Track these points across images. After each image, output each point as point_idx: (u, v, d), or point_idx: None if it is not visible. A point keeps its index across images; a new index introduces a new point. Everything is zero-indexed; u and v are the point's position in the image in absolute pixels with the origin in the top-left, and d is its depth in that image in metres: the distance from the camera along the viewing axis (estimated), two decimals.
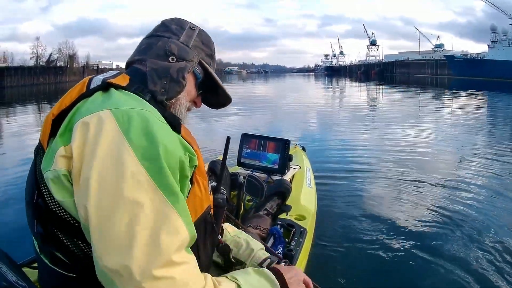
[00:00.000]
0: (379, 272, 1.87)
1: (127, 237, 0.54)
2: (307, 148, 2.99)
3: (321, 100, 14.20)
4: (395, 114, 9.07)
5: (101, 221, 0.55)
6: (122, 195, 0.55)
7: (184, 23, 0.82)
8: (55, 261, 0.66)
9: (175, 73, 0.74)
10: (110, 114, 0.60)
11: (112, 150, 0.57)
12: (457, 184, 3.22)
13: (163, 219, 0.57)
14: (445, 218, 2.49)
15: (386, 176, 3.54)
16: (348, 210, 2.66)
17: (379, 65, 62.79)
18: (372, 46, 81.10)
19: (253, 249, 0.98)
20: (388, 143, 5.12)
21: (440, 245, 2.11)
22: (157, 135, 0.59)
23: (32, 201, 0.66)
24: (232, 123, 7.40)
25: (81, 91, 0.68)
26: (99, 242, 0.55)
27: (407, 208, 2.69)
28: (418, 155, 4.37)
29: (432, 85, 23.26)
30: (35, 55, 46.69)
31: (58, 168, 0.59)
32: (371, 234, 2.28)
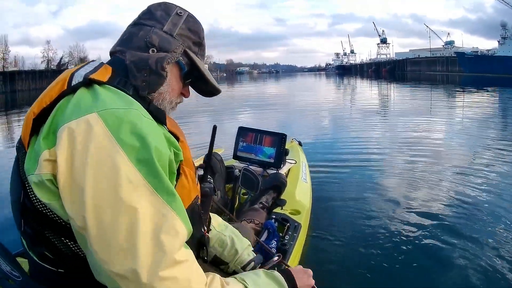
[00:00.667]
0: (373, 268, 1.89)
1: (130, 242, 0.54)
2: (307, 143, 2.99)
3: (329, 98, 13.97)
4: (401, 111, 8.95)
5: (102, 229, 0.55)
6: (120, 201, 0.55)
7: (170, 9, 0.77)
8: (43, 258, 0.66)
9: (154, 64, 0.70)
10: (98, 117, 0.57)
11: (104, 156, 0.56)
12: (458, 181, 3.19)
13: (163, 221, 0.57)
14: (445, 214, 2.49)
15: (382, 171, 3.56)
16: (343, 205, 2.68)
17: (390, 63, 62.25)
18: (383, 44, 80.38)
19: (237, 250, 0.98)
20: (389, 140, 5.13)
21: (439, 242, 2.11)
22: (148, 136, 0.58)
23: (18, 201, 0.65)
24: (239, 122, 7.30)
25: (62, 89, 0.65)
26: (103, 249, 0.55)
27: (404, 204, 2.70)
28: (418, 151, 4.35)
29: (443, 82, 22.99)
30: (46, 58, 47.20)
31: (43, 172, 0.58)
32: (366, 229, 2.31)
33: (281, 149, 2.13)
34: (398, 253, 2.02)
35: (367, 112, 8.80)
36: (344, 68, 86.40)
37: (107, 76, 0.67)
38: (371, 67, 67.49)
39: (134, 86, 0.69)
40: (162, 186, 0.58)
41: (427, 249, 2.05)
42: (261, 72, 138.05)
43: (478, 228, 2.26)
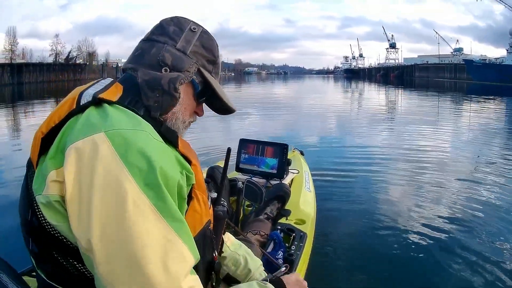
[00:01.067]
0: (379, 276, 1.87)
1: (136, 268, 0.53)
2: (311, 151, 2.99)
3: (335, 103, 13.92)
4: (408, 118, 8.89)
5: (108, 253, 0.54)
6: (127, 225, 0.54)
7: (184, 24, 0.73)
8: (51, 276, 0.65)
9: (167, 84, 0.68)
10: (105, 138, 0.56)
11: (111, 178, 0.54)
12: (465, 192, 3.16)
13: (169, 247, 0.56)
14: (451, 224, 2.46)
15: (386, 180, 3.55)
16: (347, 214, 2.66)
17: (398, 68, 61.84)
18: (392, 49, 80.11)
19: (250, 269, 0.98)
20: (394, 147, 5.10)
21: (444, 252, 2.09)
22: (156, 159, 0.57)
23: (26, 219, 0.64)
24: (241, 126, 7.35)
25: (71, 107, 0.64)
26: (108, 274, 0.54)
27: (408, 213, 2.69)
28: (423, 159, 4.34)
29: (451, 89, 22.73)
30: (54, 52, 47.73)
31: (50, 194, 0.57)
32: (371, 238, 2.29)
33: (283, 159, 2.13)
34: (404, 262, 2.00)
35: (372, 119, 8.81)
36: (352, 72, 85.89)
37: (118, 95, 0.66)
38: (380, 71, 67.05)
39: (146, 107, 0.67)
40: (169, 212, 0.57)
41: (432, 258, 2.03)
42: (269, 73, 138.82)
43: (479, 242, 2.22)
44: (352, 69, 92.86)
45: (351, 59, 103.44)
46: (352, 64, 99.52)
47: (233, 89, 24.53)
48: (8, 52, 43.18)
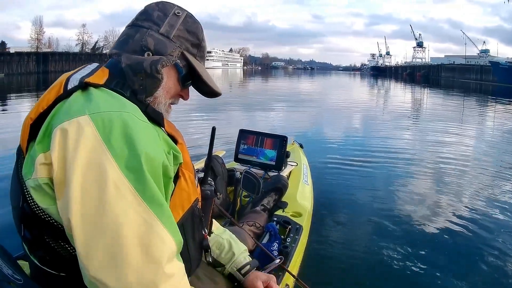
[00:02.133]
0: (373, 271, 1.89)
1: (115, 251, 0.53)
2: (316, 143, 2.94)
3: (356, 100, 13.42)
4: (422, 118, 8.64)
5: (87, 234, 0.54)
6: (106, 207, 0.54)
7: (168, 9, 0.74)
8: (44, 261, 0.65)
9: (149, 67, 0.68)
10: (89, 120, 0.57)
11: (93, 159, 0.55)
12: (472, 196, 3.05)
13: (149, 231, 0.56)
14: (453, 224, 2.42)
15: (386, 176, 3.55)
16: (344, 208, 2.67)
17: (425, 67, 59.54)
18: (419, 48, 78.65)
19: (234, 253, 0.98)
20: (399, 145, 4.98)
21: (440, 249, 2.10)
22: (140, 142, 0.57)
23: (18, 206, 0.64)
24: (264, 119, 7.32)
25: (58, 93, 0.64)
26: (87, 254, 0.54)
27: (405, 208, 2.70)
28: (426, 159, 4.26)
29: (476, 91, 21.85)
30: (80, 41, 48.36)
31: (39, 177, 0.57)
32: (367, 232, 2.30)
33: (282, 152, 2.13)
34: (399, 256, 2.01)
35: (388, 116, 8.60)
36: (379, 70, 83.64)
37: (104, 79, 0.66)
38: (406, 70, 64.82)
39: (132, 90, 0.68)
40: (150, 195, 0.57)
41: (430, 254, 2.04)
42: (296, 68, 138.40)
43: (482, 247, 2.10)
44: (378, 66, 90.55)
45: (377, 57, 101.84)
46: (379, 62, 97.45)
47: (260, 83, 24.54)
48: (34, 41, 43.59)
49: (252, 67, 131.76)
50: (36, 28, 44.45)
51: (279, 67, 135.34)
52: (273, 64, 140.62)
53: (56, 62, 34.32)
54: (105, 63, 0.74)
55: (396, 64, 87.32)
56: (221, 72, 64.36)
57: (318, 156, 3.98)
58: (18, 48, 41.48)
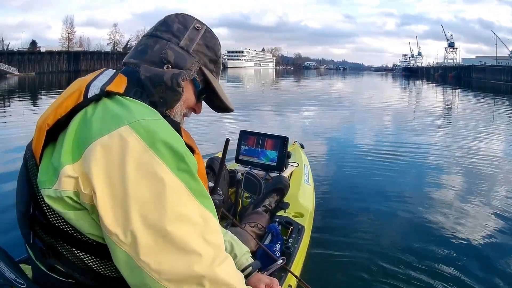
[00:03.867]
0: (376, 271, 1.88)
1: (184, 249, 0.55)
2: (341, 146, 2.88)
3: (384, 101, 13.13)
4: (440, 120, 8.35)
5: (154, 240, 0.54)
6: (168, 212, 0.55)
7: (188, 22, 0.74)
8: (53, 269, 0.64)
9: (169, 80, 0.68)
10: (131, 130, 0.56)
11: (144, 168, 0.55)
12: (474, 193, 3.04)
13: (206, 224, 0.58)
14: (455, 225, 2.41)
15: (388, 174, 3.55)
16: (346, 208, 2.67)
17: (456, 68, 59.09)
18: (450, 48, 78.09)
19: (236, 254, 0.98)
20: (404, 145, 4.92)
21: (443, 251, 2.09)
22: (180, 145, 0.59)
23: (27, 213, 0.63)
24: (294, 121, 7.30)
25: (77, 100, 0.63)
26: (156, 261, 0.55)
27: (409, 209, 2.69)
28: (432, 159, 4.23)
29: (507, 92, 21.13)
30: (112, 41, 49.50)
31: (63, 189, 0.56)
32: (369, 232, 2.30)
33: (283, 152, 2.13)
34: (402, 256, 2.01)
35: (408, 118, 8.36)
36: (410, 70, 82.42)
37: (123, 87, 0.66)
38: (438, 71, 64.50)
39: (151, 101, 0.68)
40: (200, 191, 0.59)
41: (432, 255, 2.03)
42: (328, 68, 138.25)
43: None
44: (410, 67, 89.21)
45: (409, 57, 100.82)
46: (411, 63, 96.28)
47: (292, 83, 24.58)
48: (65, 40, 44.78)
49: (285, 67, 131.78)
50: (67, 28, 45.48)
51: (311, 67, 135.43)
52: (305, 64, 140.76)
53: (87, 61, 35.02)
54: (120, 69, 0.74)
55: (428, 64, 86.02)
56: (253, 71, 64.20)
57: (336, 155, 3.95)
58: (49, 47, 42.55)
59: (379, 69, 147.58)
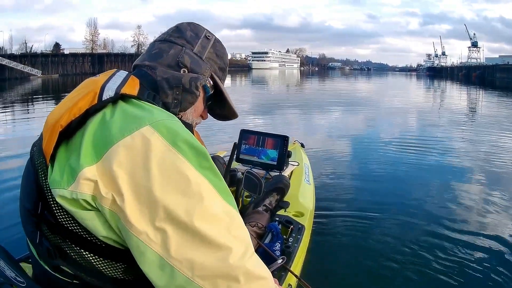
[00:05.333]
0: (376, 270, 1.88)
1: (213, 245, 0.55)
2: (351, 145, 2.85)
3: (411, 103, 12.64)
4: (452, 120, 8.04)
5: (182, 237, 0.55)
6: (197, 209, 0.55)
7: (200, 31, 0.78)
8: (57, 269, 0.64)
9: (188, 83, 0.71)
10: (152, 129, 0.57)
11: (169, 166, 0.56)
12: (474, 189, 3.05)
13: (232, 220, 0.59)
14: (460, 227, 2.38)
15: (388, 173, 3.55)
16: (346, 207, 2.67)
17: (479, 68, 57.51)
18: (474, 47, 77.04)
19: None
20: (410, 144, 4.89)
21: (445, 253, 2.07)
22: (198, 143, 0.60)
23: (35, 212, 0.62)
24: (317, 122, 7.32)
25: (92, 102, 0.62)
26: (185, 258, 0.54)
27: (409, 208, 2.69)
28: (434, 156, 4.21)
29: None
30: (136, 43, 50.31)
31: (81, 191, 0.55)
32: (369, 232, 2.30)
33: (283, 151, 2.13)
34: (402, 255, 2.01)
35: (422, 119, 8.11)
36: (435, 70, 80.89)
37: (136, 89, 0.67)
38: (462, 71, 62.80)
39: (164, 103, 0.70)
40: (223, 189, 0.60)
41: (434, 257, 2.02)
42: (352, 69, 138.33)
43: None
44: (434, 67, 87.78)
45: (433, 57, 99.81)
46: (435, 63, 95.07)
47: (316, 84, 24.73)
48: (89, 42, 45.90)
49: (309, 67, 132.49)
50: (91, 30, 46.39)
51: (336, 67, 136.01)
52: (330, 65, 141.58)
53: (111, 63, 35.58)
54: (132, 71, 0.74)
55: (451, 64, 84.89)
56: (278, 72, 64.33)
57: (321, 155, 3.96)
58: (72, 49, 43.42)
59: (404, 69, 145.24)
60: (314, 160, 3.17)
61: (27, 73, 33.14)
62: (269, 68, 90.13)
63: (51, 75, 35.11)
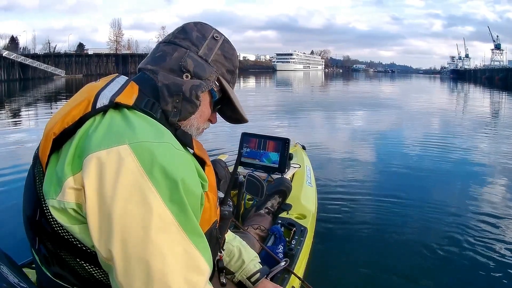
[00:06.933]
0: (378, 272, 1.87)
1: (160, 281, 0.54)
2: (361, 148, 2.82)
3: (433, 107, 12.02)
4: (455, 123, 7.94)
5: (130, 265, 0.54)
6: (150, 239, 0.54)
7: (207, 31, 0.73)
8: (58, 276, 0.64)
9: (188, 91, 0.67)
10: (130, 150, 0.55)
11: (136, 191, 0.54)
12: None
13: (190, 261, 0.57)
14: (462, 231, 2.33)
15: (389, 174, 3.54)
16: (348, 209, 2.66)
17: (503, 70, 55.29)
18: (497, 50, 74.76)
19: (244, 260, 0.98)
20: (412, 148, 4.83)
21: (448, 254, 2.06)
22: (180, 174, 0.57)
23: (34, 219, 0.62)
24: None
25: (85, 110, 0.61)
26: (129, 284, 0.54)
27: (412, 211, 2.67)
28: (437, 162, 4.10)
29: None
30: None
31: (66, 200, 0.56)
32: (371, 233, 2.29)
33: (285, 154, 2.13)
34: (404, 259, 2.00)
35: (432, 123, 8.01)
36: (458, 73, 78.70)
37: (134, 97, 0.64)
38: (484, 73, 60.87)
39: (163, 111, 0.67)
40: (191, 227, 0.58)
41: (436, 261, 2.00)
42: (376, 71, 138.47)
43: None
44: (458, 70, 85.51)
45: (457, 60, 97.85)
46: (458, 65, 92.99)
47: (341, 86, 24.63)
48: (113, 43, 46.23)
49: (334, 69, 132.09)
50: (115, 31, 46.72)
51: (360, 69, 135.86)
52: (354, 67, 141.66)
53: (135, 64, 36.29)
54: (134, 75, 0.73)
55: (475, 67, 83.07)
56: (303, 74, 63.60)
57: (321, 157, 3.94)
58: (96, 49, 43.70)
59: (427, 72, 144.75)
60: (316, 162, 3.16)
61: (51, 73, 33.43)
62: (294, 70, 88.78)
63: (74, 75, 35.37)
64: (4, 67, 30.08)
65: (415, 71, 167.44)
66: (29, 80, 29.85)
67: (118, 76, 0.71)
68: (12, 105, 11.81)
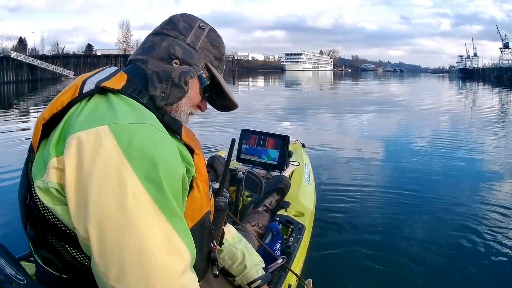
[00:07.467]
0: (375, 270, 1.87)
1: (133, 261, 0.54)
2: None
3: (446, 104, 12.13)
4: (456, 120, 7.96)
5: (105, 244, 0.54)
6: (125, 217, 0.54)
7: (193, 21, 0.76)
8: (47, 262, 0.66)
9: (177, 77, 0.69)
10: (109, 131, 0.56)
11: (111, 171, 0.54)
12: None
13: (169, 244, 0.56)
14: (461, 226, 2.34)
15: (388, 173, 3.54)
16: (346, 208, 2.66)
17: (511, 69, 55.55)
18: (505, 49, 73.70)
19: (246, 265, 0.98)
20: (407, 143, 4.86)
21: (446, 252, 2.05)
22: (160, 154, 0.57)
23: (25, 203, 0.64)
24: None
25: (73, 95, 0.64)
26: (105, 264, 0.54)
27: (408, 208, 2.68)
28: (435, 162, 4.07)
29: None
30: None
31: (50, 180, 0.57)
32: (369, 232, 2.29)
33: (284, 151, 2.13)
34: (402, 256, 1.99)
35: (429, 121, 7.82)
36: (467, 72, 78.56)
37: (121, 84, 0.66)
38: (493, 72, 61.16)
39: (151, 97, 0.68)
40: (168, 207, 0.57)
41: (433, 257, 2.00)
42: (385, 70, 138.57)
43: None
44: (466, 69, 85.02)
45: (465, 59, 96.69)
46: (467, 64, 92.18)
47: (349, 85, 24.66)
48: (122, 44, 46.46)
49: (342, 69, 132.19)
50: (123, 31, 46.80)
51: (369, 69, 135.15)
52: (362, 67, 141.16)
53: None
54: (125, 67, 0.74)
55: (483, 66, 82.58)
56: (311, 74, 63.48)
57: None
58: (105, 50, 44.41)
59: (436, 71, 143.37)
60: (315, 160, 3.16)
61: (59, 73, 33.51)
62: (302, 70, 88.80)
63: None
64: (13, 68, 30.23)
65: (424, 70, 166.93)
66: (37, 81, 29.95)
67: (109, 66, 0.74)
68: (21, 105, 11.96)
